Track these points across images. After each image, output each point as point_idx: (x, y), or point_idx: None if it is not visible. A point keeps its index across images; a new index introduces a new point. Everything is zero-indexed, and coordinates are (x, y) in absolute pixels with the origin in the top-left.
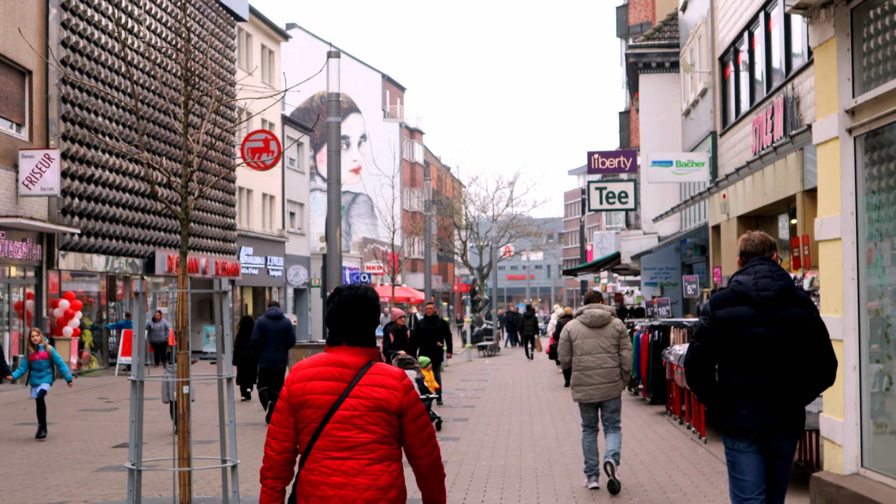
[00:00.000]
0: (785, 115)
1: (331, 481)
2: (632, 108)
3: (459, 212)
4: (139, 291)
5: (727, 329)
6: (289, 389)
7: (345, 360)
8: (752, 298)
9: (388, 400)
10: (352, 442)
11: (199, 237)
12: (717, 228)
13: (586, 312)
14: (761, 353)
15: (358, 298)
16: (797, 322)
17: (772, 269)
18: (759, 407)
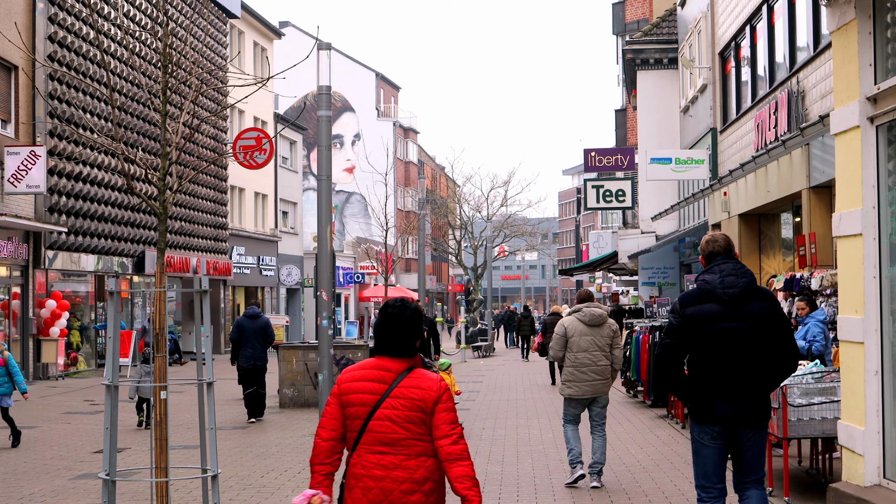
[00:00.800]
0: (789, 110)
1: (372, 474)
2: (629, 105)
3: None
4: (113, 290)
5: (696, 325)
6: (339, 388)
7: (387, 366)
8: (718, 296)
9: (424, 400)
10: (391, 438)
11: (190, 236)
12: (717, 227)
13: (585, 311)
14: (730, 348)
15: (399, 316)
16: (762, 316)
17: (736, 267)
18: (728, 399)
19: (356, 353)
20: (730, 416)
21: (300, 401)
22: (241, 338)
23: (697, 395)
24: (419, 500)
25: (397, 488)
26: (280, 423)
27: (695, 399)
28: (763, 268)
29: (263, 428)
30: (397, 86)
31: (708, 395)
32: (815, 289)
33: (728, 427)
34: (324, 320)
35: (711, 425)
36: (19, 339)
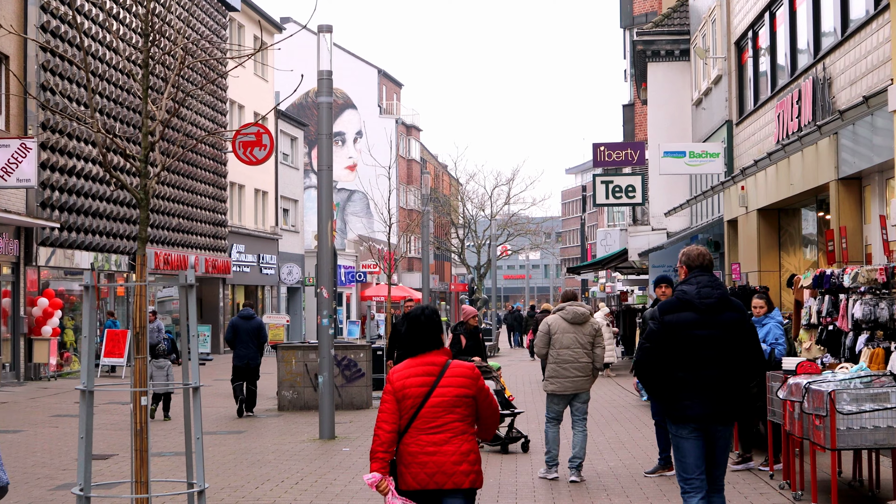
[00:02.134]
0: (814, 98)
1: (427, 450)
2: (637, 100)
3: (457, 209)
4: (88, 285)
5: (674, 331)
6: (393, 386)
7: (431, 360)
8: (695, 305)
9: (469, 388)
10: (441, 421)
11: (188, 233)
12: (733, 223)
13: (568, 309)
14: (704, 352)
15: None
16: (733, 325)
17: (711, 280)
18: (702, 398)
19: (358, 353)
20: (703, 414)
21: (300, 403)
22: (236, 338)
23: (674, 396)
24: (466, 469)
25: (448, 460)
26: (278, 427)
27: (672, 399)
28: (783, 265)
29: (260, 432)
30: (400, 82)
31: (684, 395)
32: (849, 285)
33: (702, 424)
34: (324, 319)
35: (687, 423)
36: (10, 339)
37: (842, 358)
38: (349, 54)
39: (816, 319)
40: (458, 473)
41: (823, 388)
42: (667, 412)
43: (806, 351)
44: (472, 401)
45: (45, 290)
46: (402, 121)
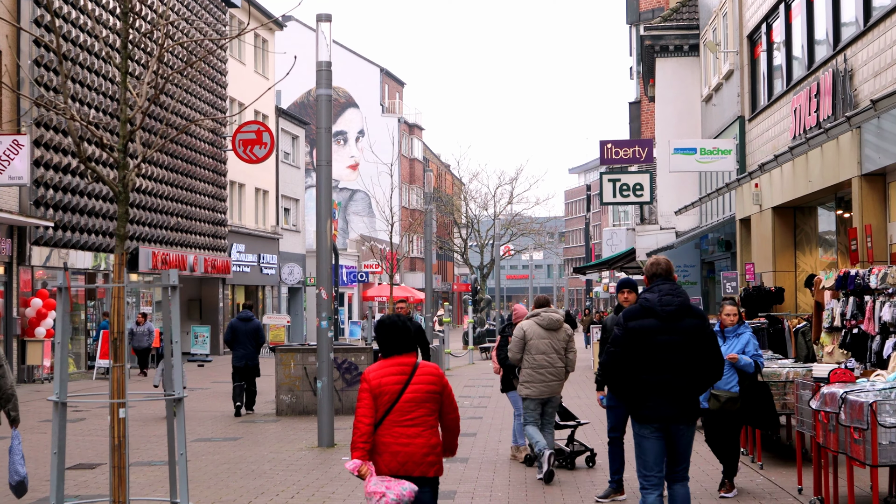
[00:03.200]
0: (834, 91)
1: (400, 441)
2: (643, 97)
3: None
4: (62, 286)
5: (637, 337)
6: (370, 384)
7: (403, 361)
8: (657, 312)
9: (436, 385)
10: (413, 415)
11: (187, 232)
12: (746, 221)
13: (543, 315)
14: (665, 356)
15: (399, 325)
16: (693, 331)
17: (672, 288)
18: (664, 400)
19: (359, 356)
20: (666, 415)
21: (298, 408)
22: (235, 339)
23: (638, 397)
24: (433, 460)
25: (418, 452)
26: (276, 433)
27: (636, 400)
28: (799, 265)
29: (256, 439)
30: (402, 81)
31: (647, 397)
32: (876, 286)
33: (664, 424)
34: (323, 321)
35: (651, 423)
36: (2, 340)
37: (868, 363)
38: (351, 52)
39: (840, 322)
40: (425, 464)
41: (863, 399)
42: (631, 412)
43: (828, 355)
44: (438, 397)
45: (39, 291)
46: (405, 120)
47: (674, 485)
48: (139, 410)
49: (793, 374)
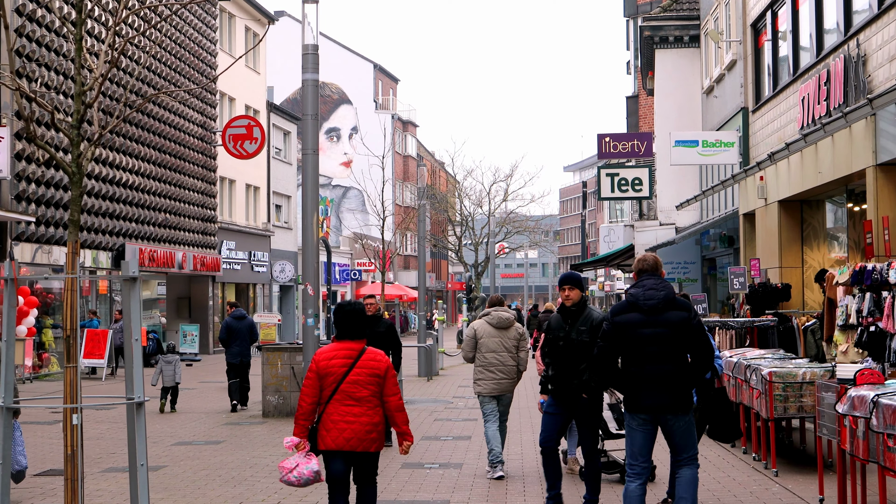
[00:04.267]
0: (846, 78)
1: (346, 419)
2: (641, 91)
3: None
4: (7, 277)
5: (623, 331)
6: (317, 365)
7: (351, 346)
8: (640, 306)
9: (379, 369)
10: (357, 395)
11: (175, 229)
12: (750, 216)
13: (493, 314)
14: (650, 349)
15: (353, 311)
16: (678, 323)
17: (657, 283)
18: (651, 391)
19: None
20: (653, 405)
21: (286, 409)
22: (230, 337)
23: (627, 389)
24: (375, 437)
25: (362, 429)
26: (261, 436)
27: (625, 392)
28: (806, 260)
29: (240, 443)
30: (396, 78)
31: (635, 388)
32: (894, 282)
33: (652, 415)
34: (309, 319)
35: (639, 413)
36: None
37: (886, 363)
38: (344, 48)
39: (856, 319)
40: (367, 440)
41: None
42: (624, 403)
43: (842, 354)
44: (381, 380)
45: (21, 288)
46: (399, 116)
47: (680, 469)
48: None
49: (809, 374)
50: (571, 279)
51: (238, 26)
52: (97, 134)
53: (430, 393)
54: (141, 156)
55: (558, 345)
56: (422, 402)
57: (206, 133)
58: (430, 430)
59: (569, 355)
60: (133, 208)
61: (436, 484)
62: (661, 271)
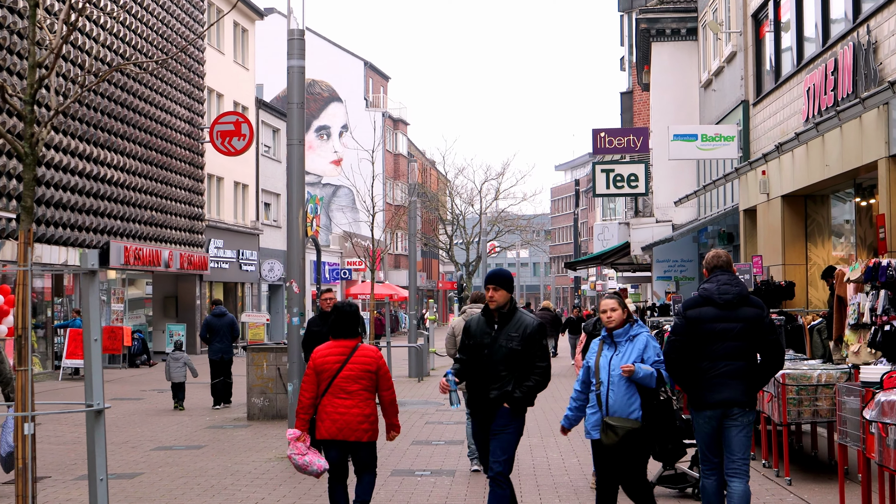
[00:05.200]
0: (855, 67)
1: (339, 411)
2: (636, 87)
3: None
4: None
5: (697, 325)
6: (314, 362)
7: (345, 344)
8: (715, 301)
9: (371, 365)
10: (350, 389)
11: (162, 227)
12: (751, 212)
13: (468, 311)
14: (723, 343)
15: (347, 312)
16: (751, 319)
17: (731, 278)
18: (722, 385)
19: None
20: (721, 399)
21: (271, 412)
22: (211, 334)
23: (697, 385)
24: (367, 427)
25: (354, 420)
26: (244, 440)
27: (695, 388)
28: (810, 257)
29: (222, 447)
30: (387, 75)
31: (706, 383)
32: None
33: (719, 409)
34: (294, 317)
35: (708, 409)
36: None
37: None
38: (335, 46)
39: (869, 318)
40: (360, 430)
41: None
42: (690, 399)
43: (854, 355)
44: (374, 375)
45: (1, 286)
46: (389, 114)
47: (732, 480)
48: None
49: (825, 376)
50: (498, 278)
51: (226, 21)
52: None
53: (421, 394)
54: (126, 152)
55: (482, 353)
56: (413, 403)
57: (194, 129)
58: (420, 435)
59: (492, 364)
60: (118, 205)
61: (427, 493)
62: (733, 268)
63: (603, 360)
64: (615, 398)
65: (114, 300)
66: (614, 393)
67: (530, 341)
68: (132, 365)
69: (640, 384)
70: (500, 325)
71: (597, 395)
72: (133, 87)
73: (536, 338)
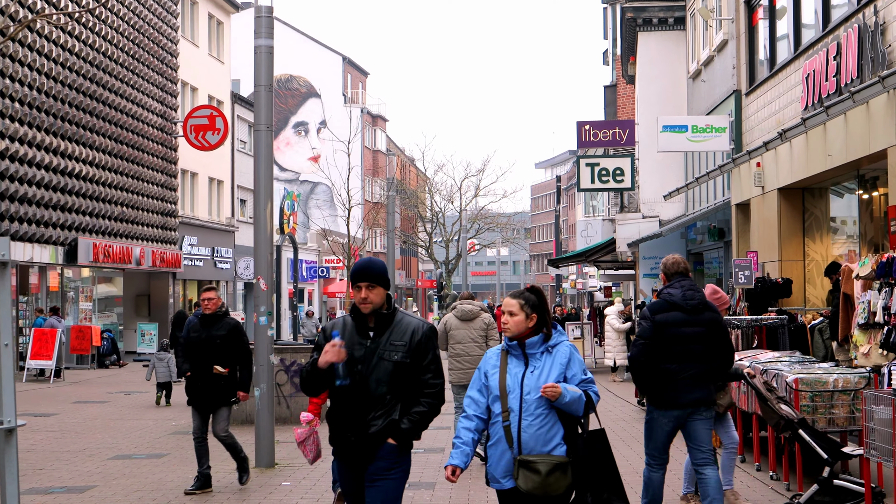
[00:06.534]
0: (860, 50)
1: None
2: (620, 80)
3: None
4: None
5: (664, 329)
6: None
7: None
8: (681, 306)
9: None
10: None
11: (133, 223)
12: (744, 206)
13: (458, 307)
14: (692, 347)
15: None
16: (713, 323)
17: (692, 285)
18: (689, 387)
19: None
20: (691, 400)
21: (241, 416)
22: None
23: (663, 386)
24: None
25: None
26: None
27: (661, 389)
28: (808, 253)
29: (185, 457)
30: (365, 71)
31: (673, 385)
32: None
33: (688, 409)
34: (261, 317)
35: (676, 409)
36: None
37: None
38: (313, 41)
39: (882, 317)
40: None
41: None
42: (653, 400)
43: (863, 357)
44: None
45: None
46: (368, 110)
47: (705, 468)
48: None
49: (842, 381)
50: (371, 272)
51: (201, 13)
52: None
53: None
54: (95, 146)
55: (353, 369)
56: None
57: (167, 123)
58: None
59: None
60: (87, 201)
61: None
62: (690, 274)
63: (511, 379)
64: (530, 431)
65: (82, 298)
66: (529, 424)
67: (420, 351)
68: (101, 365)
69: (563, 411)
70: (377, 331)
71: (504, 427)
72: (103, 79)
73: (428, 345)
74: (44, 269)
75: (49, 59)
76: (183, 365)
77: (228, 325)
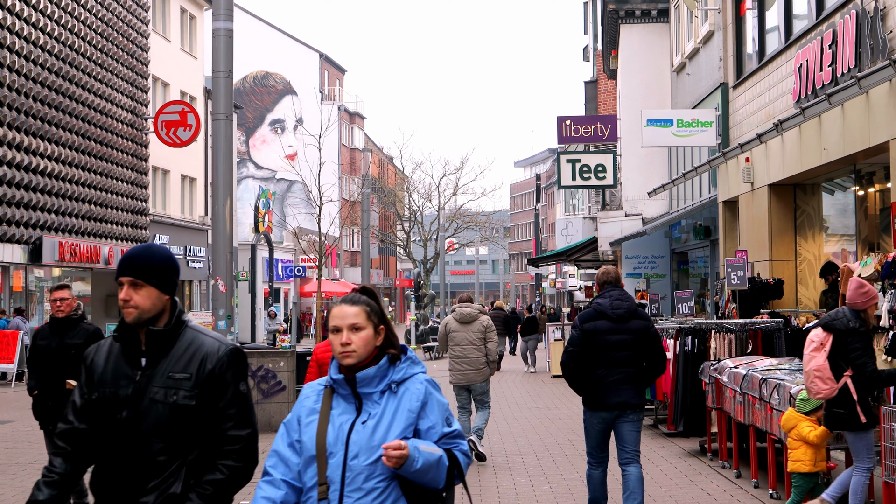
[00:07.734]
0: (858, 38)
1: None
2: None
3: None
4: None
5: (592, 337)
6: (316, 356)
7: None
8: (608, 315)
9: None
10: None
11: (101, 221)
12: (731, 203)
13: (457, 310)
14: (616, 353)
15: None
16: (640, 331)
17: (621, 294)
18: (615, 390)
19: (278, 361)
20: (617, 402)
21: None
22: None
23: (593, 390)
24: None
25: None
26: None
27: (591, 392)
28: (800, 252)
29: None
30: (343, 68)
31: (601, 388)
32: None
33: (615, 411)
34: (220, 321)
35: (603, 411)
36: None
37: None
38: (289, 37)
39: (886, 321)
40: None
41: None
42: (586, 402)
43: None
44: None
45: None
46: (345, 108)
47: (628, 466)
48: None
49: None
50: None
51: (173, 7)
52: None
53: None
54: (62, 142)
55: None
56: None
57: (137, 119)
58: None
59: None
60: (52, 198)
61: None
62: (621, 283)
63: (334, 432)
64: None
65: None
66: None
67: (213, 387)
68: None
69: (413, 483)
70: (150, 358)
71: None
72: (69, 73)
73: (225, 378)
74: (7, 269)
75: (12, 51)
76: (29, 381)
77: (86, 332)
